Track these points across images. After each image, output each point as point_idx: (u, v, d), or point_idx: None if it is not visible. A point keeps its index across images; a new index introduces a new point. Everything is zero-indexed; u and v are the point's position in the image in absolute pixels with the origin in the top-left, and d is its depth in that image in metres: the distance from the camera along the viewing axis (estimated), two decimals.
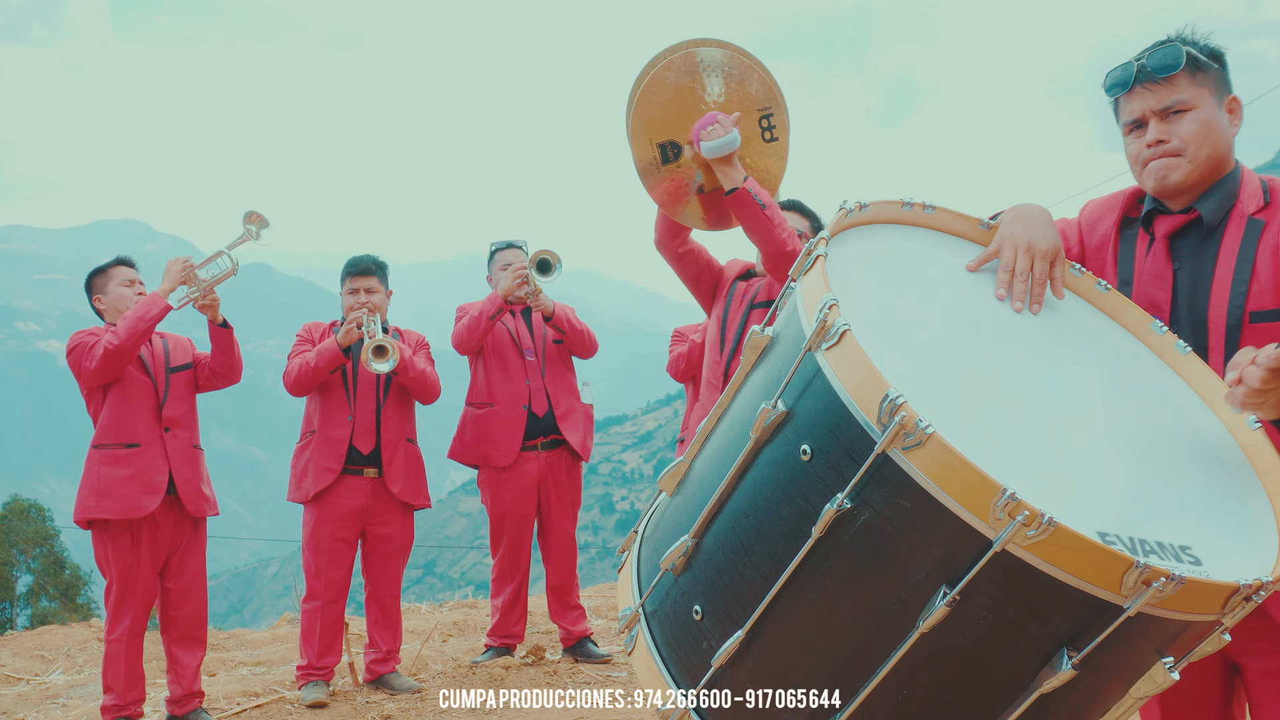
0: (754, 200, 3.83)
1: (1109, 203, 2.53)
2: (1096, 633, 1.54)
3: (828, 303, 1.63)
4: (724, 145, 3.75)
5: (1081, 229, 2.54)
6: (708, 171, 3.88)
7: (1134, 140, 2.34)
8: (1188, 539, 1.66)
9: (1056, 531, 1.44)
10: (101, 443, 5.22)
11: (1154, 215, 2.39)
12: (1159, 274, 2.32)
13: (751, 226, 3.91)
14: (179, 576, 5.32)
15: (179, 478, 5.22)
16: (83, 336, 5.27)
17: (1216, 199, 2.31)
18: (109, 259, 5.53)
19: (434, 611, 9.14)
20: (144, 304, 5.15)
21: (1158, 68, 2.26)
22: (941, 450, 1.47)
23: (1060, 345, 2.04)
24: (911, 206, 2.12)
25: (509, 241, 6.37)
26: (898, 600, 1.57)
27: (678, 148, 3.85)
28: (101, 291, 5.42)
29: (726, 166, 3.81)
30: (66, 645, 8.11)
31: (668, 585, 1.88)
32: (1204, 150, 2.27)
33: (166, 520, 5.23)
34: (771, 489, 1.69)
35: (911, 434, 1.48)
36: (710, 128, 3.76)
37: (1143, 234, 2.41)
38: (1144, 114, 2.30)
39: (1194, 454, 1.92)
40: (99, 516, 5.11)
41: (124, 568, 5.13)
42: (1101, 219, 2.51)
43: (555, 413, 6.14)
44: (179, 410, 5.35)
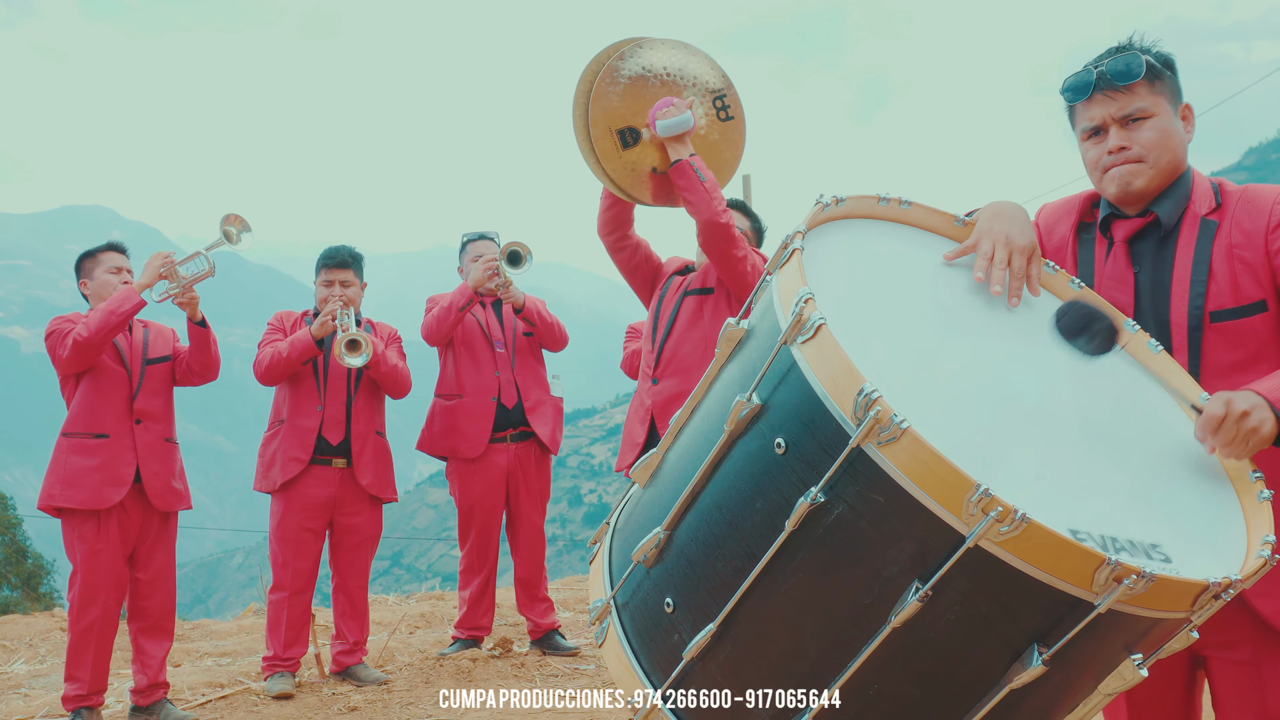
0: (694, 172, 4.10)
1: (1065, 207, 2.56)
2: (1067, 629, 1.55)
3: (804, 296, 1.63)
4: (678, 124, 4.07)
5: (1040, 231, 2.56)
6: (662, 153, 4.17)
7: (1093, 146, 2.36)
8: (1158, 537, 1.67)
9: (1029, 528, 1.45)
10: (71, 431, 5.18)
11: (1111, 220, 2.42)
12: (1120, 277, 2.35)
13: (689, 197, 4.16)
14: (148, 566, 5.28)
15: (146, 471, 5.17)
16: (60, 323, 5.23)
17: (1172, 201, 2.34)
18: (97, 243, 5.47)
19: (401, 603, 9.10)
20: (118, 297, 5.10)
21: (1118, 75, 2.27)
22: (916, 445, 1.48)
23: (1035, 342, 2.05)
24: (888, 202, 2.12)
25: (481, 233, 6.36)
26: (870, 595, 1.57)
27: (636, 133, 4.13)
28: (88, 276, 5.36)
29: (678, 145, 4.11)
30: (29, 635, 8.03)
31: (639, 577, 1.88)
32: (1165, 157, 2.30)
33: (135, 509, 5.18)
34: (745, 482, 1.69)
35: (886, 429, 1.49)
36: (666, 109, 4.08)
37: (1100, 238, 2.44)
38: (1104, 121, 2.32)
39: (1164, 453, 1.94)
40: (63, 505, 5.07)
41: (89, 554, 5.09)
42: (1059, 223, 2.53)
43: (524, 405, 6.13)
44: (153, 403, 5.30)
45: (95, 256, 5.40)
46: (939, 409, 1.70)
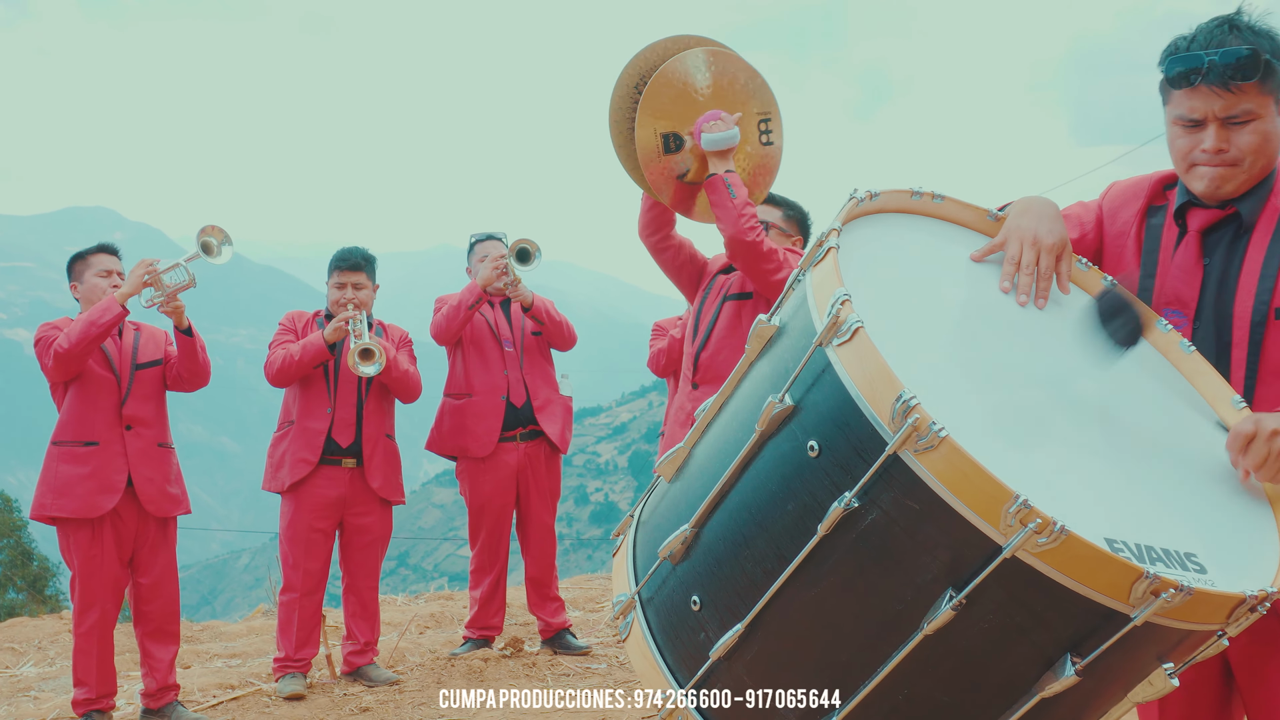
0: (725, 188, 4.04)
1: (1133, 189, 2.44)
2: (1101, 640, 1.53)
3: (840, 297, 1.61)
4: (725, 140, 4.00)
5: (1102, 214, 2.46)
6: (699, 163, 4.11)
7: (1185, 136, 2.20)
8: (1193, 545, 1.65)
9: (1068, 540, 1.43)
10: (60, 439, 5.15)
11: (1187, 208, 2.29)
12: (1189, 270, 2.26)
13: (718, 213, 4.10)
14: (148, 570, 5.25)
15: (139, 477, 5.13)
16: (47, 330, 5.20)
17: (1256, 198, 2.23)
18: (91, 245, 5.41)
19: (410, 603, 9.09)
20: (99, 308, 5.04)
21: (1232, 74, 2.09)
22: (954, 454, 1.46)
23: (1067, 344, 2.02)
24: (920, 196, 2.09)
25: (488, 233, 6.33)
26: (902, 601, 1.56)
27: (680, 139, 4.07)
28: (79, 279, 5.32)
29: (719, 160, 4.04)
30: (37, 637, 8.03)
31: (665, 573, 1.86)
32: (1260, 161, 2.18)
33: (130, 515, 5.16)
34: (776, 483, 1.67)
35: (924, 436, 1.47)
36: (713, 122, 4.01)
37: (1171, 225, 2.33)
38: (1206, 115, 2.15)
39: (1197, 458, 1.92)
40: (55, 515, 5.05)
41: (86, 560, 5.08)
42: (1125, 206, 2.42)
43: (533, 404, 6.12)
44: (143, 408, 5.24)
45: (85, 259, 5.35)
46: (974, 414, 1.68)
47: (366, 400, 5.77)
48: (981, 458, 1.45)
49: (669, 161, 4.09)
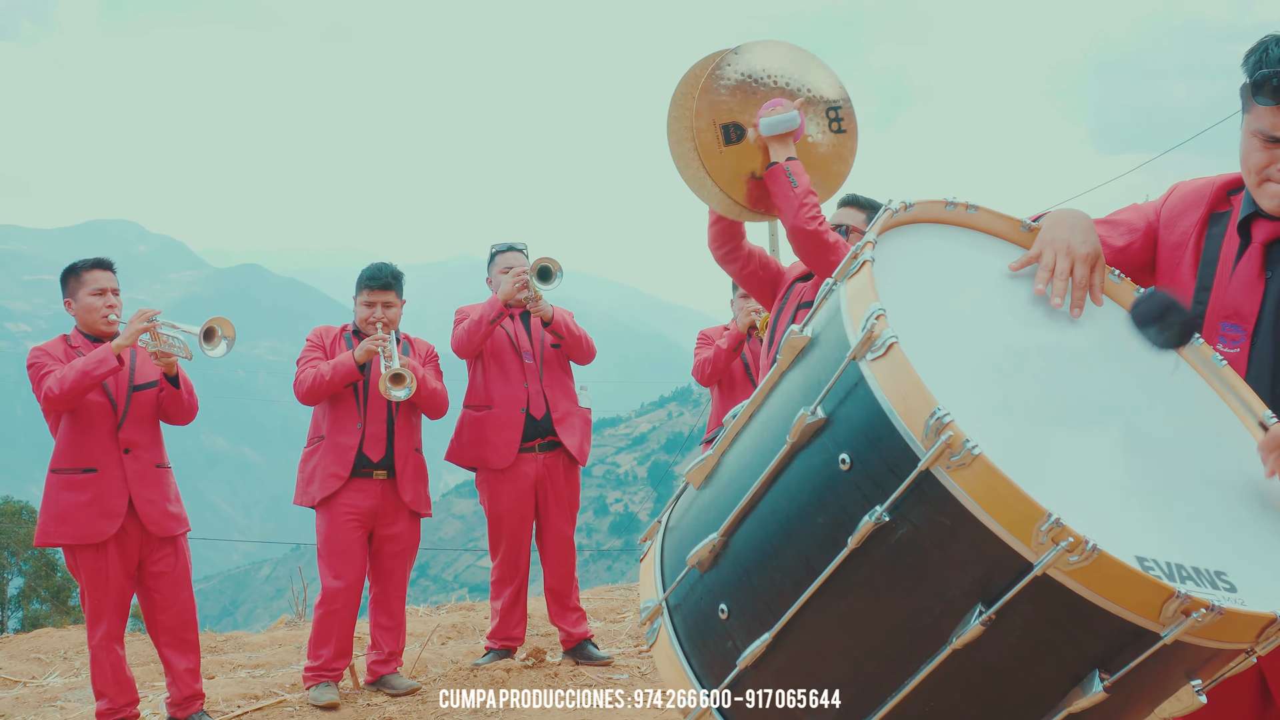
0: (786, 176, 3.90)
1: (1196, 195, 2.37)
2: (1130, 657, 1.53)
3: (875, 312, 1.62)
4: (782, 123, 3.88)
5: (1160, 220, 2.40)
6: (764, 155, 3.98)
7: (1263, 151, 2.13)
8: (1223, 564, 1.65)
9: (1100, 559, 1.43)
10: (58, 467, 5.14)
11: (1253, 219, 2.23)
12: (1250, 283, 2.21)
13: (778, 202, 3.98)
14: (158, 582, 5.27)
15: (139, 499, 5.15)
16: (38, 356, 5.17)
17: None
18: (85, 259, 5.36)
19: (432, 614, 9.12)
20: (95, 358, 5.01)
21: None
22: (987, 472, 1.46)
23: (1100, 358, 2.02)
24: (955, 206, 2.09)
25: (509, 244, 6.34)
26: (931, 615, 1.56)
27: (740, 130, 3.95)
28: (72, 296, 5.28)
29: (779, 145, 3.92)
30: (63, 648, 8.08)
31: (693, 581, 1.87)
32: None
33: (134, 532, 5.17)
34: (806, 495, 1.68)
35: (957, 454, 1.47)
36: (773, 106, 3.91)
37: (1232, 236, 2.27)
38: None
39: (1228, 474, 1.91)
40: (58, 542, 5.09)
41: (91, 575, 5.11)
42: (1185, 213, 2.36)
43: (553, 416, 6.14)
44: (140, 430, 5.24)
45: (80, 275, 5.29)
46: (1007, 431, 1.68)
47: (397, 416, 5.81)
48: (1014, 475, 1.45)
49: (732, 155, 3.95)
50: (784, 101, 3.93)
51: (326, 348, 5.84)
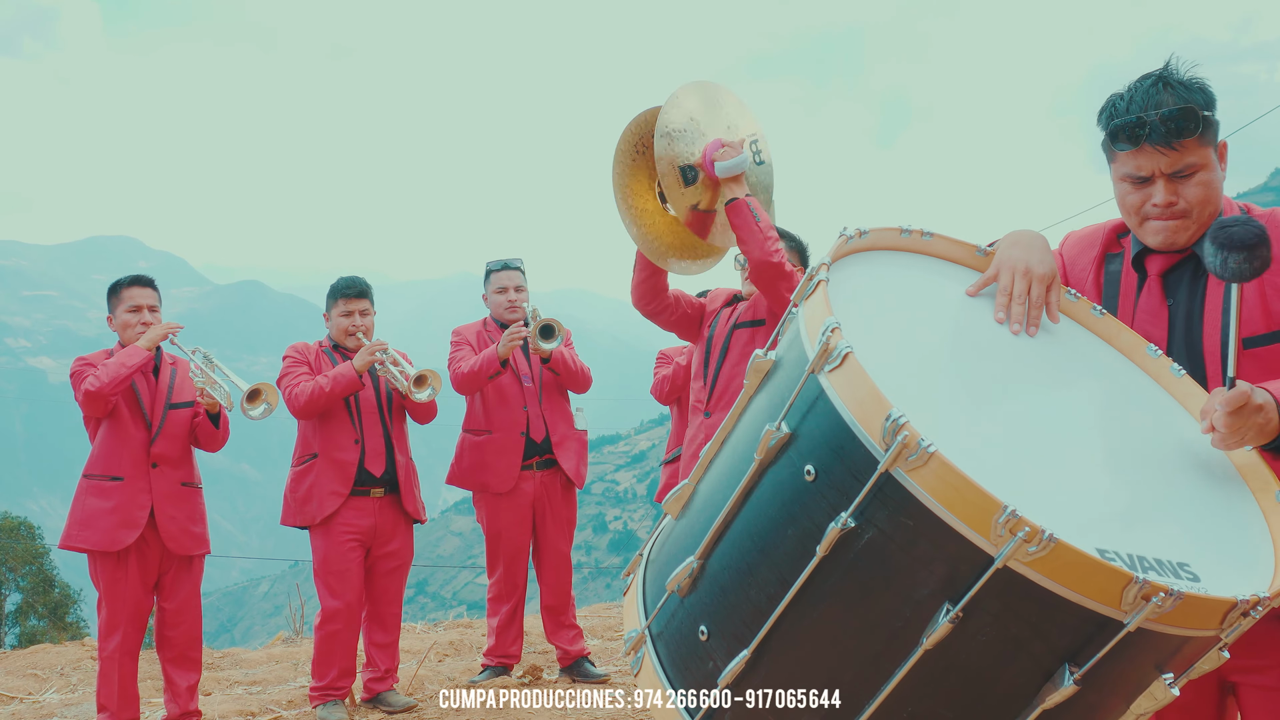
0: (750, 212, 4.20)
1: (1088, 238, 2.54)
2: (1097, 648, 1.56)
3: (830, 326, 1.66)
4: (738, 165, 4.17)
5: (1064, 260, 2.55)
6: (711, 192, 4.28)
7: (1135, 193, 2.29)
8: (1186, 556, 1.69)
9: (1057, 548, 1.47)
10: (90, 473, 5.29)
11: (1145, 255, 2.37)
12: (1155, 312, 2.34)
13: (744, 235, 4.26)
14: (173, 598, 5.34)
15: (161, 515, 5.23)
16: (81, 365, 5.35)
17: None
18: (126, 276, 5.57)
19: (429, 631, 9.12)
20: (127, 352, 5.23)
21: (1174, 133, 2.17)
22: (943, 469, 1.50)
23: (1057, 367, 2.07)
24: (910, 233, 2.15)
25: (504, 262, 6.35)
26: (901, 617, 1.59)
27: (694, 171, 4.23)
28: (113, 312, 5.48)
29: (735, 185, 4.21)
30: (60, 664, 8.08)
31: (673, 607, 1.90)
32: (1208, 209, 2.26)
33: (154, 545, 5.25)
34: (776, 509, 1.72)
35: (914, 453, 1.51)
36: (722, 149, 4.18)
37: (1129, 271, 2.41)
38: (1153, 173, 2.24)
39: (1190, 472, 1.95)
40: (78, 546, 5.19)
41: (110, 584, 5.19)
42: (1080, 255, 2.52)
43: (552, 439, 6.16)
44: (171, 447, 5.35)
45: (119, 293, 5.49)
46: (965, 432, 1.72)
47: (392, 429, 5.85)
48: (971, 472, 1.49)
49: (688, 194, 4.24)
50: (728, 142, 4.21)
51: (310, 363, 5.84)
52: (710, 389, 4.70)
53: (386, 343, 5.75)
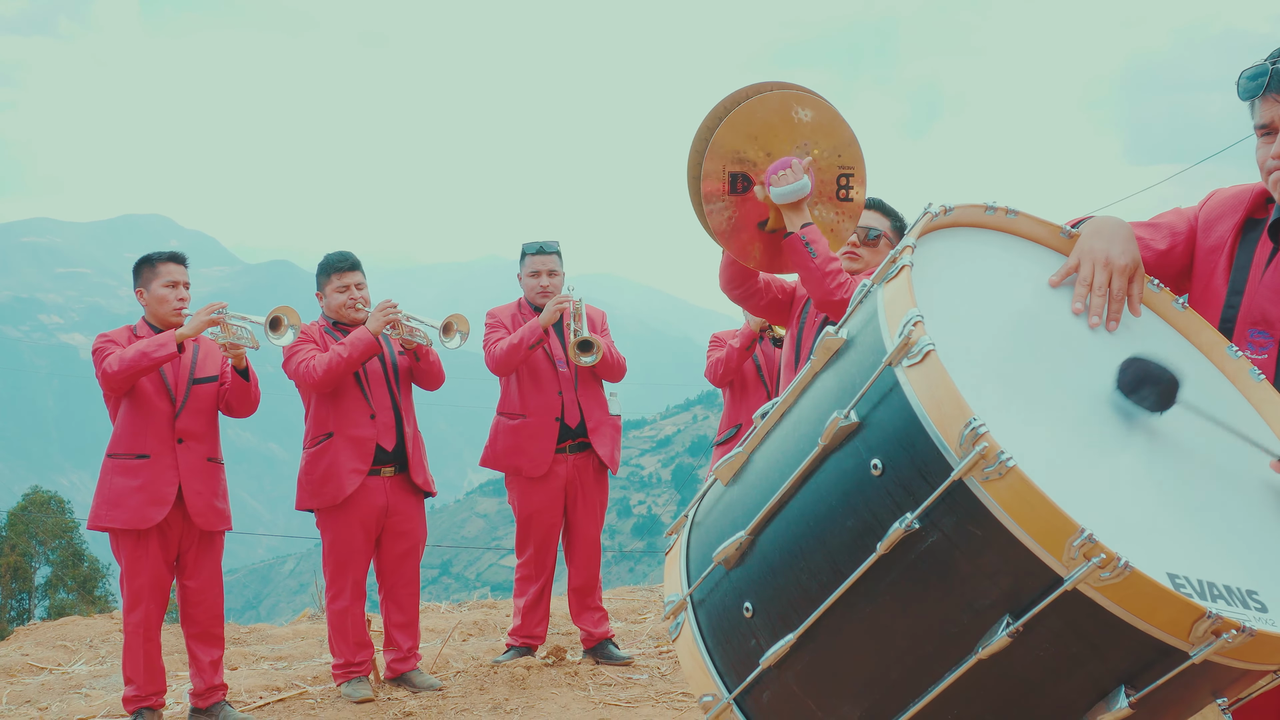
0: (804, 249, 3.85)
1: (1234, 200, 2.38)
2: (1157, 675, 1.52)
3: (913, 319, 1.60)
4: (794, 191, 3.78)
5: (1198, 224, 2.40)
6: (776, 212, 3.90)
7: (1262, 146, 2.17)
8: (1255, 583, 1.63)
9: (1131, 576, 1.42)
10: (115, 452, 5.27)
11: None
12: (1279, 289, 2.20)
13: (802, 275, 3.95)
14: (195, 575, 5.35)
15: (189, 490, 5.22)
16: (102, 342, 5.29)
17: None
18: (162, 251, 5.49)
19: (454, 611, 9.15)
20: (157, 342, 5.13)
21: None
22: (1021, 485, 1.45)
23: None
24: (995, 210, 2.08)
25: (540, 245, 6.30)
26: (958, 624, 1.55)
27: (748, 181, 3.86)
28: (145, 285, 5.39)
29: (793, 212, 3.84)
30: (89, 636, 8.15)
31: (718, 577, 1.86)
32: None
33: (177, 523, 5.25)
34: (836, 498, 1.67)
35: (991, 465, 1.45)
36: (782, 172, 3.79)
37: (1265, 241, 2.27)
38: (1274, 121, 2.14)
39: (1260, 488, 1.89)
40: (107, 526, 5.18)
41: (132, 561, 5.20)
42: (1222, 218, 2.36)
43: (587, 425, 6.15)
44: (196, 422, 5.32)
45: (155, 266, 5.39)
46: (1041, 442, 1.66)
47: (401, 401, 5.84)
48: (1047, 488, 1.44)
49: (736, 205, 3.89)
50: (794, 163, 3.79)
51: (317, 341, 5.77)
52: None
53: (395, 304, 5.71)
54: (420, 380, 5.93)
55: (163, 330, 5.31)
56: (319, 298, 5.95)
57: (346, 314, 5.80)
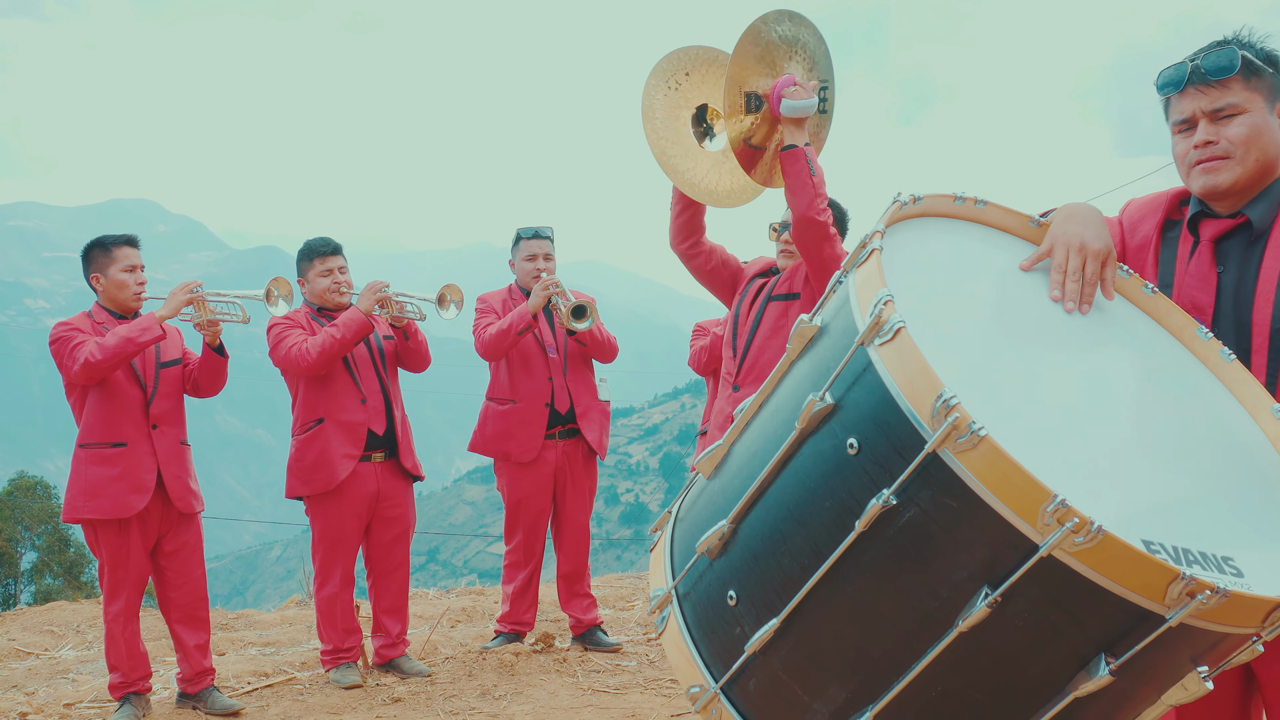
0: (807, 163, 4.01)
1: (1152, 203, 2.51)
2: (1136, 640, 1.54)
3: (883, 298, 1.62)
4: (804, 108, 3.96)
5: (1123, 227, 2.51)
6: (769, 127, 4.06)
7: (1182, 140, 2.31)
8: (1229, 550, 1.65)
9: (1105, 540, 1.44)
10: (87, 442, 5.15)
11: (1200, 218, 2.37)
12: (1203, 277, 2.31)
13: (794, 185, 4.07)
14: (173, 559, 5.31)
15: (167, 475, 5.18)
16: (63, 330, 5.14)
17: (1265, 204, 2.29)
18: (113, 235, 5.34)
19: (442, 597, 9.16)
20: (140, 325, 5.05)
21: (1212, 70, 2.22)
22: (993, 453, 1.47)
23: (1106, 348, 2.03)
24: (964, 201, 2.10)
25: (535, 230, 6.28)
26: (937, 598, 1.57)
27: (760, 100, 4.01)
28: (101, 271, 5.23)
29: (795, 129, 4.00)
30: (76, 621, 8.15)
31: (702, 568, 1.88)
32: (1252, 154, 2.25)
33: (155, 508, 5.21)
34: (815, 480, 1.69)
35: (964, 435, 1.47)
36: (793, 88, 3.96)
37: (1186, 236, 2.39)
38: (1194, 114, 2.27)
39: (1236, 462, 1.92)
40: (87, 517, 5.10)
41: (113, 552, 5.15)
42: (1144, 220, 2.48)
43: (576, 410, 6.14)
44: (167, 407, 5.28)
45: (110, 251, 5.25)
46: (1014, 414, 1.69)
47: (389, 384, 5.83)
48: (1020, 457, 1.46)
49: (744, 122, 4.02)
50: (800, 81, 3.98)
51: (304, 324, 5.73)
52: (740, 362, 4.57)
53: (385, 284, 5.71)
54: (406, 362, 5.92)
55: (122, 315, 5.23)
56: (300, 284, 5.89)
57: (330, 298, 5.77)
